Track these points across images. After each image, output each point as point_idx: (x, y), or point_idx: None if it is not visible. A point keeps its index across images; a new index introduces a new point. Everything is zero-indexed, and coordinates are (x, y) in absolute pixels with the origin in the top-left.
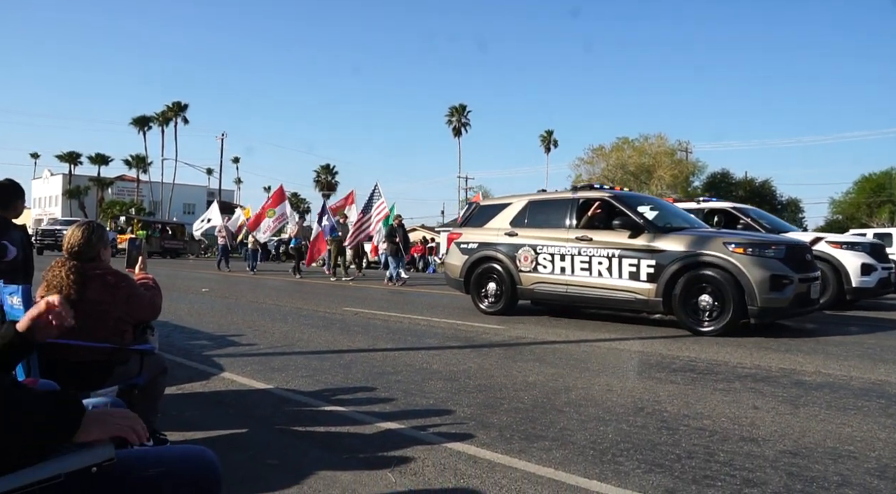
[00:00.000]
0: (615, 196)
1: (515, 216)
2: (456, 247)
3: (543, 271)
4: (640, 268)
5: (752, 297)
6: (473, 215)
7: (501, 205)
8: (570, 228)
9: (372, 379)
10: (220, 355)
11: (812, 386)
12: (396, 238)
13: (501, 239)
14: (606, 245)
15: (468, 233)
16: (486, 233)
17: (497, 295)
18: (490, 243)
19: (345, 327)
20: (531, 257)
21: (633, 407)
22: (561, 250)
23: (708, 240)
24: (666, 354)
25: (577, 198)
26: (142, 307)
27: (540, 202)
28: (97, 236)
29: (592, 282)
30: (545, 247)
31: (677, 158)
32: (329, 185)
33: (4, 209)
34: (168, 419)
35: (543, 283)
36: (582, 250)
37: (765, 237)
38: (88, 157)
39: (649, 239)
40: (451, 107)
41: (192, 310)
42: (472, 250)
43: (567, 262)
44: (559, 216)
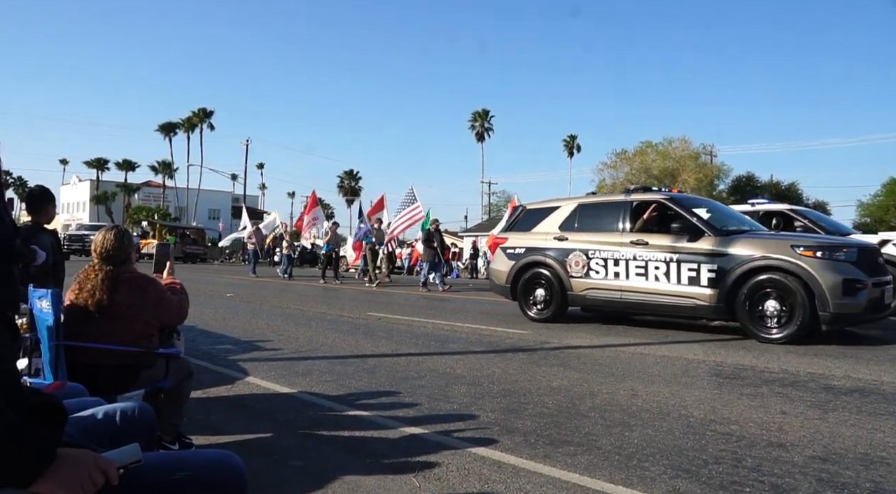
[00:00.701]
0: (672, 198)
1: (565, 220)
2: (502, 253)
3: (596, 277)
4: (701, 273)
5: (823, 303)
6: (520, 219)
7: (549, 208)
8: (624, 232)
9: (396, 384)
10: (244, 359)
11: (841, 390)
12: (434, 243)
13: (550, 243)
14: (664, 249)
15: (514, 237)
16: (533, 238)
17: (546, 301)
18: (538, 248)
19: (369, 332)
20: (583, 262)
21: (658, 412)
22: (615, 255)
23: (774, 243)
24: (691, 359)
25: (630, 201)
26: (169, 311)
27: (591, 205)
28: (128, 239)
29: (648, 288)
30: (598, 251)
31: (701, 162)
32: (353, 191)
33: (36, 214)
34: (193, 423)
35: (596, 289)
36: (637, 254)
37: (834, 239)
38: (116, 163)
39: (710, 242)
40: (474, 112)
41: (218, 315)
42: (518, 255)
43: (621, 267)
44: (612, 219)
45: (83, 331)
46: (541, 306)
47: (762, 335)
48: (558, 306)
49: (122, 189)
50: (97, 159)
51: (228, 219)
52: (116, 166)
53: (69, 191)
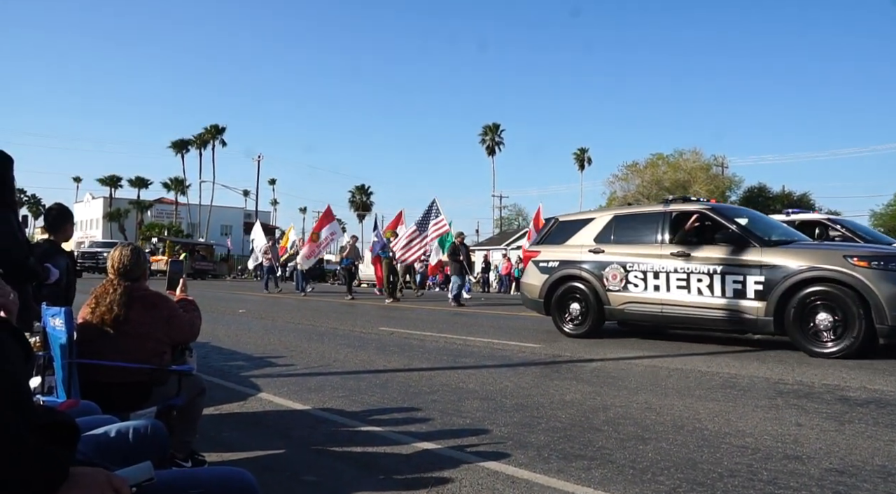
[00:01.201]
0: (713, 208)
1: (600, 232)
2: (534, 266)
3: (635, 290)
4: (747, 285)
5: (880, 315)
6: (552, 232)
7: (583, 220)
8: (664, 244)
9: (408, 399)
10: (257, 376)
11: (858, 402)
12: (460, 256)
13: (585, 256)
14: (707, 260)
15: (547, 250)
16: (567, 251)
17: (582, 315)
18: (573, 261)
19: (381, 347)
20: (620, 275)
21: (672, 425)
22: (654, 267)
23: (824, 254)
24: (705, 371)
25: (669, 212)
26: (181, 328)
27: (627, 216)
28: (144, 256)
29: (691, 301)
30: (636, 264)
31: (713, 173)
32: (364, 206)
33: (54, 233)
34: (205, 439)
35: (635, 303)
36: (678, 267)
37: (889, 249)
38: (129, 180)
39: (756, 253)
40: (485, 126)
41: (230, 331)
42: (552, 269)
43: (661, 280)
44: (650, 231)
45: (96, 349)
46: (577, 321)
47: (815, 349)
48: (595, 321)
49: (134, 206)
50: (110, 176)
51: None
52: (129, 183)
53: (82, 208)
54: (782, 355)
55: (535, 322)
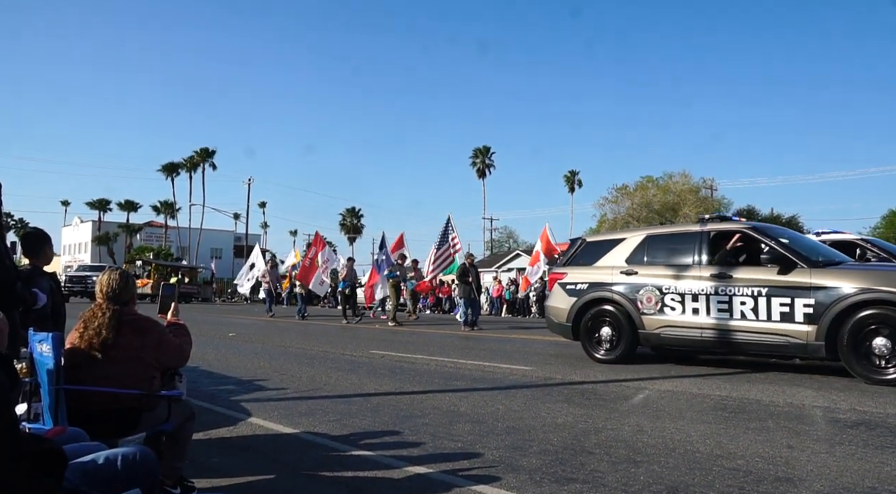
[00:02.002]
0: (755, 227)
1: (632, 253)
2: (561, 289)
3: (672, 313)
4: (795, 308)
5: None
6: (579, 253)
7: (613, 240)
8: (702, 265)
9: (399, 423)
10: (246, 400)
11: (847, 424)
12: (469, 277)
13: (617, 278)
14: (750, 282)
15: (575, 272)
16: (597, 273)
17: (613, 341)
18: (603, 283)
19: (372, 370)
20: (655, 298)
21: (664, 448)
22: (693, 289)
23: (880, 275)
24: (696, 393)
25: (706, 231)
26: (171, 353)
27: (661, 236)
28: (133, 280)
29: (734, 325)
30: (673, 286)
31: (702, 196)
32: (355, 229)
33: (35, 257)
34: (195, 465)
35: (672, 327)
36: (719, 289)
37: None
38: (118, 204)
39: (804, 274)
40: (475, 148)
41: (220, 355)
42: (580, 291)
43: (701, 303)
44: (686, 251)
45: (85, 374)
46: (608, 346)
47: (873, 376)
48: (628, 345)
49: (123, 229)
50: (99, 200)
51: (230, 258)
52: (118, 207)
53: (71, 232)
54: (772, 377)
55: (524, 344)
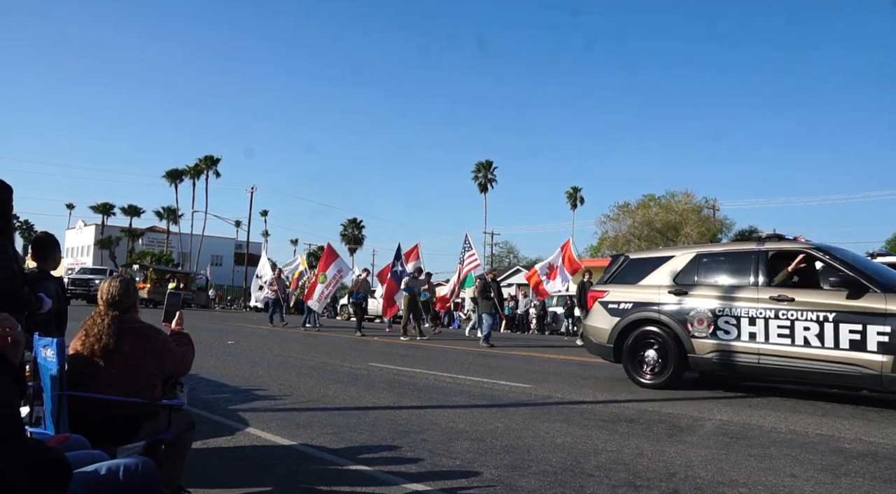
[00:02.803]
0: (820, 248)
1: (681, 271)
2: (602, 308)
3: (725, 337)
4: (868, 336)
5: None
6: (622, 270)
7: (660, 258)
8: (760, 286)
9: (397, 438)
10: (244, 409)
11: (853, 454)
12: (491, 293)
13: (665, 298)
14: (815, 306)
15: (617, 291)
16: (642, 292)
17: (659, 364)
18: (649, 303)
19: (370, 383)
20: (707, 320)
21: (664, 473)
22: (750, 312)
23: None
24: (697, 417)
25: (764, 251)
26: (173, 362)
27: (713, 255)
28: (133, 287)
29: (796, 352)
30: (727, 307)
31: (704, 215)
32: (356, 239)
33: (43, 261)
34: (192, 475)
35: (726, 352)
36: (780, 312)
37: None
38: (121, 208)
39: (879, 300)
40: (478, 163)
41: (218, 363)
42: (624, 311)
43: (759, 327)
44: (741, 271)
45: (86, 381)
46: (654, 370)
47: None
48: (675, 369)
49: (126, 234)
50: (103, 204)
51: (231, 265)
52: (122, 211)
53: (74, 235)
54: (775, 402)
55: (524, 361)
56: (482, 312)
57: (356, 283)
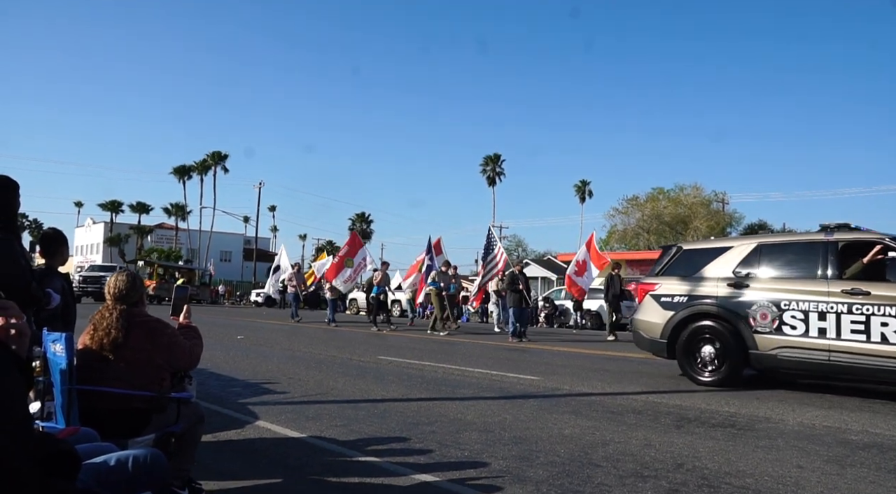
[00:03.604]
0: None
1: (741, 262)
2: (653, 301)
3: (792, 333)
4: None
5: None
6: (675, 262)
7: (718, 249)
8: (829, 278)
9: (406, 430)
10: (254, 403)
11: (859, 445)
12: (520, 285)
13: (723, 290)
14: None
15: (670, 283)
16: (698, 284)
17: (717, 360)
18: (707, 296)
19: (379, 376)
20: (772, 315)
21: (672, 463)
22: (820, 306)
23: None
24: (705, 408)
25: (833, 241)
26: (181, 355)
27: (776, 246)
28: (140, 281)
29: (872, 350)
30: (793, 301)
31: (713, 209)
32: (364, 234)
33: (51, 257)
34: (202, 467)
35: (792, 348)
36: (854, 307)
37: None
38: (130, 206)
39: None
40: (486, 156)
41: (228, 358)
42: (678, 305)
43: (830, 322)
44: (809, 263)
45: (95, 375)
46: (712, 366)
47: None
48: (734, 366)
49: (135, 231)
50: (111, 202)
51: (240, 261)
52: (130, 208)
53: (83, 233)
54: (782, 394)
55: (532, 354)
56: (510, 306)
57: (377, 277)
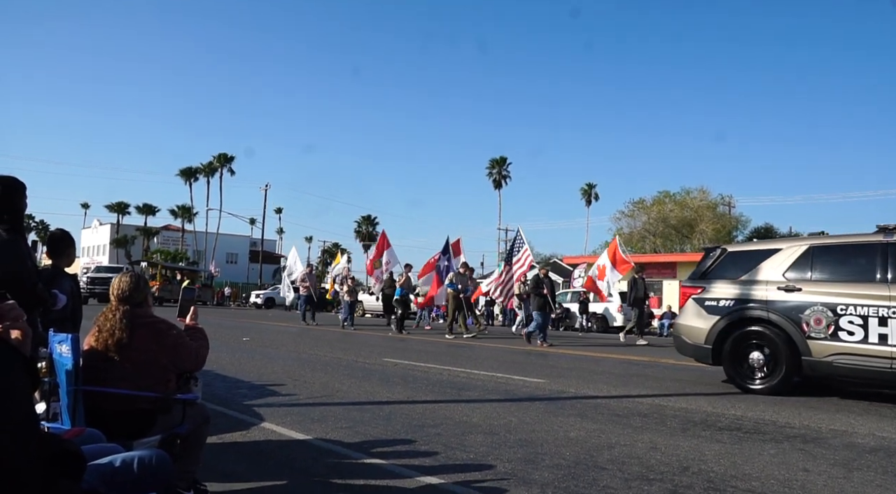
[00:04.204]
0: None
1: (792, 265)
2: (697, 305)
3: (849, 339)
4: None
5: None
6: (720, 264)
7: (766, 251)
8: (890, 282)
9: (412, 432)
10: (260, 404)
11: (865, 449)
12: (544, 289)
13: (774, 294)
14: None
15: (716, 287)
16: (746, 288)
17: (767, 367)
18: (755, 300)
19: (384, 378)
20: (827, 319)
21: (678, 467)
22: (881, 311)
23: None
24: (711, 411)
25: (894, 243)
26: (187, 357)
27: (829, 248)
28: (144, 282)
29: None
30: (851, 306)
31: (720, 212)
32: (370, 236)
33: (58, 258)
34: (208, 469)
35: (849, 355)
36: None
37: None
38: (136, 207)
39: None
40: (492, 159)
41: (234, 359)
42: (724, 309)
43: (891, 328)
44: (866, 266)
45: (101, 376)
46: (762, 373)
47: None
48: (786, 374)
49: (141, 233)
50: (118, 203)
51: (246, 263)
52: (137, 210)
53: (90, 234)
54: (788, 399)
55: (537, 356)
56: (533, 309)
57: (400, 279)
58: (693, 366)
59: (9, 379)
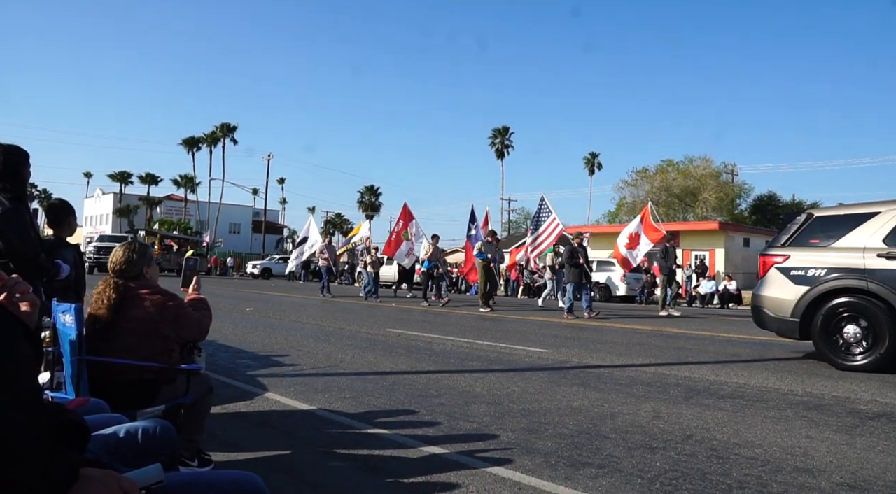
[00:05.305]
0: None
1: (892, 231)
2: (782, 275)
3: None
4: None
5: None
6: (806, 229)
7: (861, 215)
8: None
9: (415, 402)
10: (263, 375)
11: (868, 415)
12: (580, 259)
13: (873, 262)
14: None
15: (803, 254)
16: (839, 255)
17: (865, 341)
18: (851, 269)
19: (388, 348)
20: None
21: (681, 435)
22: None
23: None
24: (714, 380)
25: None
26: (189, 327)
27: None
28: (139, 254)
29: None
30: None
31: (723, 181)
32: (373, 206)
33: (59, 227)
34: (212, 439)
35: None
36: None
37: None
38: (139, 177)
39: None
40: (494, 129)
41: (237, 330)
42: (814, 279)
43: None
44: None
45: (104, 347)
46: (860, 348)
47: None
48: (889, 348)
49: (144, 202)
50: (121, 172)
51: (249, 233)
52: (140, 180)
53: (93, 203)
54: (791, 365)
55: (541, 326)
56: (568, 281)
57: (428, 251)
58: (695, 335)
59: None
